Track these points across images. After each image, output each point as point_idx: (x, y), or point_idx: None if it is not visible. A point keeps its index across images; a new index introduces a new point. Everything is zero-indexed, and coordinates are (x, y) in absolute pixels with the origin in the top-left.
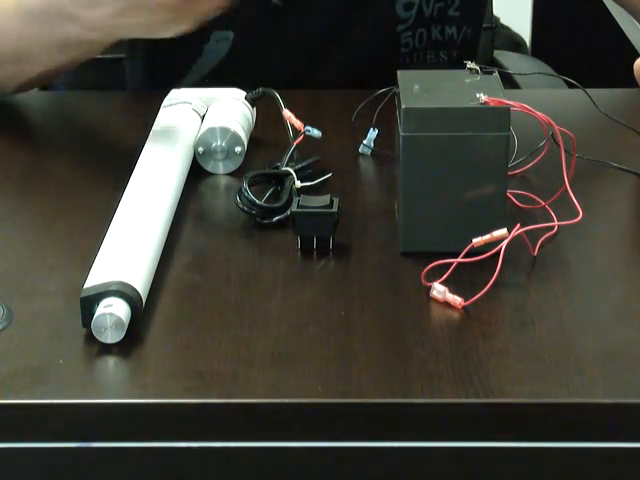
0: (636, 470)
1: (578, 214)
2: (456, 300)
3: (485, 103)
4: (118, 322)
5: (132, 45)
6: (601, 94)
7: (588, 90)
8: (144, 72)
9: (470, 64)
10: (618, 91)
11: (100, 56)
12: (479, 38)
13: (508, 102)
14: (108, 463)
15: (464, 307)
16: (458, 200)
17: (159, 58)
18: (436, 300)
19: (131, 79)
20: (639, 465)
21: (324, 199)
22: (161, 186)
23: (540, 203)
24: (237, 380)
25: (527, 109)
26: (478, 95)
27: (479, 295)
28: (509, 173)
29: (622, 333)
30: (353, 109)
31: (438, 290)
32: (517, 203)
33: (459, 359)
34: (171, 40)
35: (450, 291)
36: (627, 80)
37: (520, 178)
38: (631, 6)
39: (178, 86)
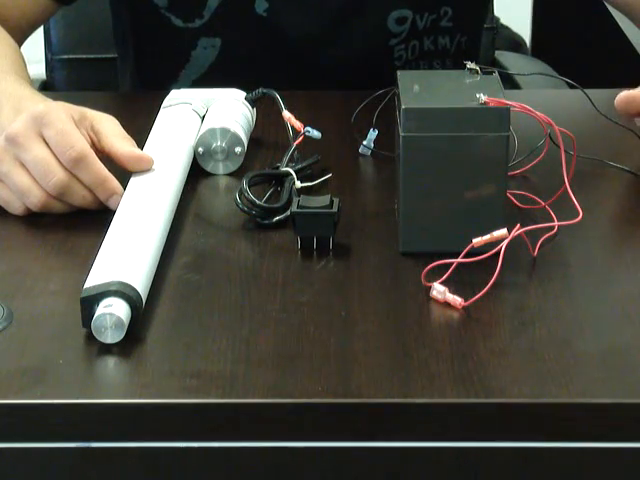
0: (636, 470)
1: (578, 214)
2: (456, 300)
3: (485, 103)
4: (118, 322)
5: (123, 50)
6: (600, 94)
7: (588, 90)
8: (133, 79)
9: (470, 64)
10: (618, 91)
11: (100, 55)
12: (477, 44)
13: (508, 102)
14: (108, 463)
15: (464, 307)
16: (458, 200)
17: (147, 65)
18: (436, 300)
19: (122, 84)
20: (639, 465)
21: (324, 199)
22: (161, 186)
23: (540, 203)
24: (237, 380)
25: (527, 109)
26: (478, 95)
27: (479, 295)
28: (509, 173)
29: (622, 333)
30: (353, 109)
31: (438, 290)
32: (517, 203)
33: (459, 359)
34: (158, 47)
35: (450, 291)
36: (627, 80)
37: (520, 178)
38: (633, 14)
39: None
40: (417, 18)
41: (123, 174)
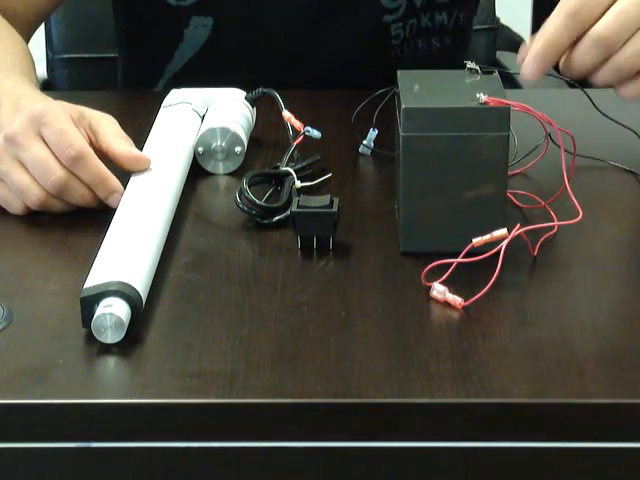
0: (635, 470)
1: (578, 214)
2: (456, 300)
3: (485, 103)
4: (118, 322)
5: (118, 33)
6: (600, 94)
7: (587, 90)
8: (128, 60)
9: (470, 64)
10: None
11: (101, 55)
12: (471, 23)
13: (508, 102)
14: (108, 463)
15: (464, 307)
16: (458, 200)
17: (142, 45)
18: (436, 300)
19: (120, 69)
20: (639, 465)
21: (324, 199)
22: (161, 186)
23: (540, 203)
24: (237, 380)
25: (527, 109)
26: (478, 95)
27: (479, 295)
28: (509, 173)
29: (622, 333)
30: (353, 109)
31: (438, 290)
32: (517, 203)
33: (459, 359)
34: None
35: (450, 291)
36: None
37: (520, 178)
38: None
39: (162, 74)
40: None
41: (123, 173)
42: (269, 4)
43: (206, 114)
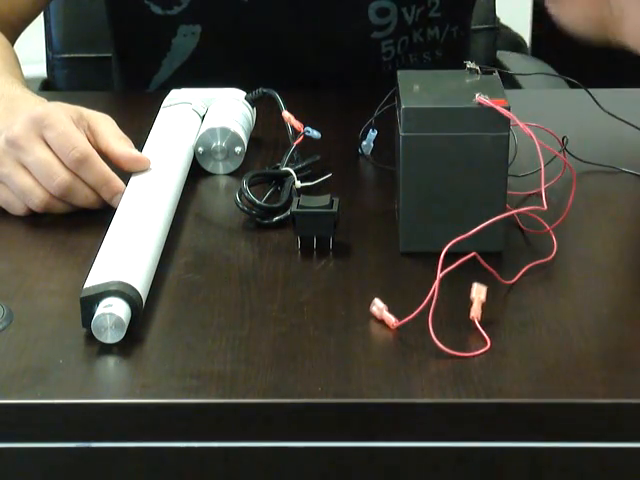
0: (635, 470)
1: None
2: (390, 319)
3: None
4: (118, 322)
5: (110, 41)
6: (601, 94)
7: (591, 89)
8: (117, 69)
9: (470, 64)
10: (619, 91)
11: (101, 54)
12: (468, 35)
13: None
14: (108, 463)
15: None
16: (458, 200)
17: (130, 55)
18: (374, 316)
19: (113, 75)
20: (639, 465)
21: (324, 199)
22: (161, 186)
23: (545, 228)
24: (237, 380)
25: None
26: (478, 95)
27: (414, 314)
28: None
29: (622, 333)
30: (352, 110)
31: (377, 306)
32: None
33: (459, 359)
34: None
35: (452, 288)
36: (627, 79)
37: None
38: None
39: (149, 84)
40: (404, 12)
41: (123, 174)
42: (259, 13)
43: (206, 114)
